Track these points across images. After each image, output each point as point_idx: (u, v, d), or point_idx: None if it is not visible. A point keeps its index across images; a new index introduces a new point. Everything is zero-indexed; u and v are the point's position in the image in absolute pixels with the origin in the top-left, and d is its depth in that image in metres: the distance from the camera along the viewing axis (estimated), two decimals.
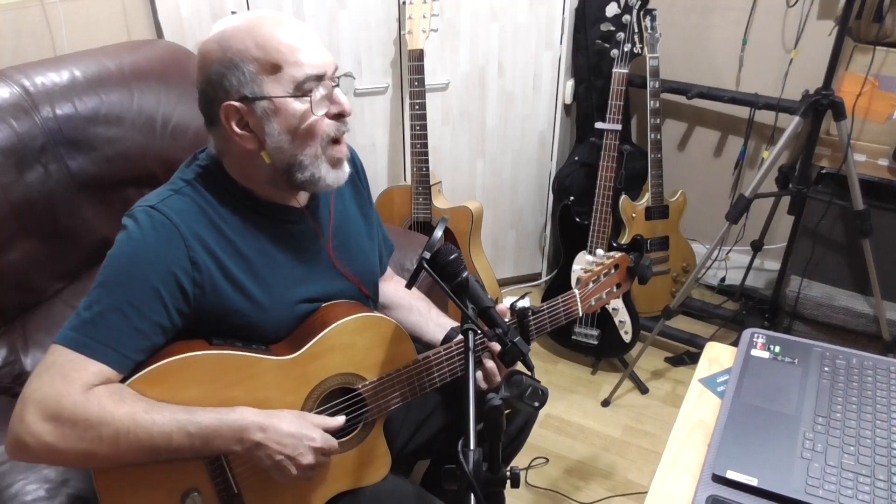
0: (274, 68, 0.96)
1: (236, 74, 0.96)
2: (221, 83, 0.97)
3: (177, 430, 0.93)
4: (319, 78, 0.98)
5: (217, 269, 1.00)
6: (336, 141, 1.03)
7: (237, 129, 0.99)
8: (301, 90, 0.97)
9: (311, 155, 1.01)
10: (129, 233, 0.97)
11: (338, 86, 1.02)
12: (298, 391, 1.05)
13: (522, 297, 1.10)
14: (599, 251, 1.30)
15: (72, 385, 0.89)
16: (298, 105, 0.98)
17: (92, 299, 0.94)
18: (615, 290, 1.31)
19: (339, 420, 1.06)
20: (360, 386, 1.10)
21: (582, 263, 1.29)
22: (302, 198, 1.11)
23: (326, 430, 1.04)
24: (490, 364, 1.15)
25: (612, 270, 1.29)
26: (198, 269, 0.98)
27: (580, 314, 1.26)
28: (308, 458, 1.00)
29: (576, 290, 1.25)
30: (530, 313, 1.15)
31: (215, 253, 1.00)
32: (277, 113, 0.98)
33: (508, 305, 1.13)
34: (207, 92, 0.99)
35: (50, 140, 1.34)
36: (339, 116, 1.03)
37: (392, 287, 1.36)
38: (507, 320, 1.10)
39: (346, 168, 1.07)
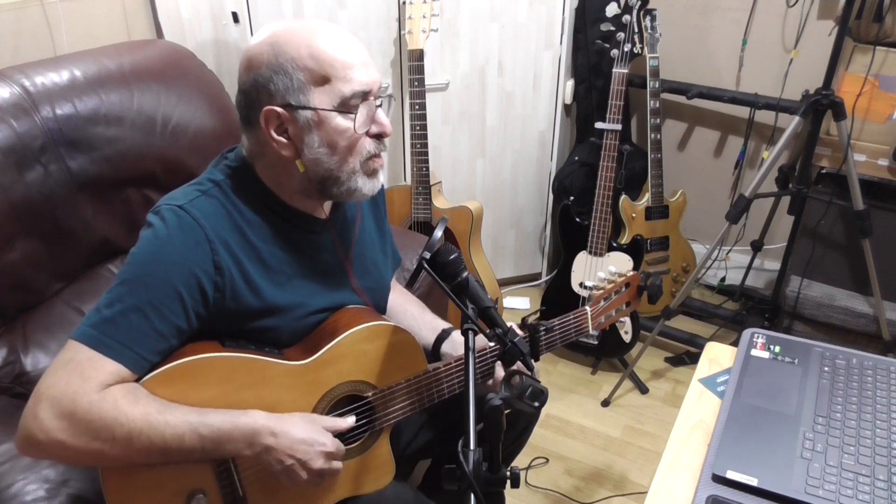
0: (323, 80, 0.96)
1: (284, 80, 0.95)
2: (267, 86, 0.96)
3: (189, 432, 0.93)
4: (365, 96, 0.98)
5: (238, 273, 1.00)
6: (375, 155, 1.04)
7: (275, 135, 0.98)
8: (346, 106, 0.97)
9: (348, 171, 1.02)
10: (156, 231, 0.96)
11: (381, 105, 1.02)
12: (309, 396, 1.05)
13: (535, 312, 1.11)
14: (612, 267, 1.30)
15: (88, 383, 0.89)
16: (342, 120, 0.98)
17: (113, 297, 0.94)
18: (625, 308, 1.30)
19: (349, 421, 1.06)
20: (369, 394, 1.10)
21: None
22: (326, 208, 1.11)
23: (336, 432, 1.04)
24: (500, 374, 1.15)
25: (623, 289, 1.29)
26: (220, 274, 0.98)
27: (591, 331, 1.26)
28: (318, 463, 0.99)
29: (587, 308, 1.25)
30: (542, 330, 1.15)
31: (238, 257, 1.00)
32: (320, 125, 0.97)
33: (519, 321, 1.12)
34: (251, 93, 0.98)
35: (50, 140, 1.34)
36: (379, 136, 1.03)
37: (391, 295, 1.36)
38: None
39: (381, 178, 1.08)
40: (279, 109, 0.96)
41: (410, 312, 1.33)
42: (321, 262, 1.12)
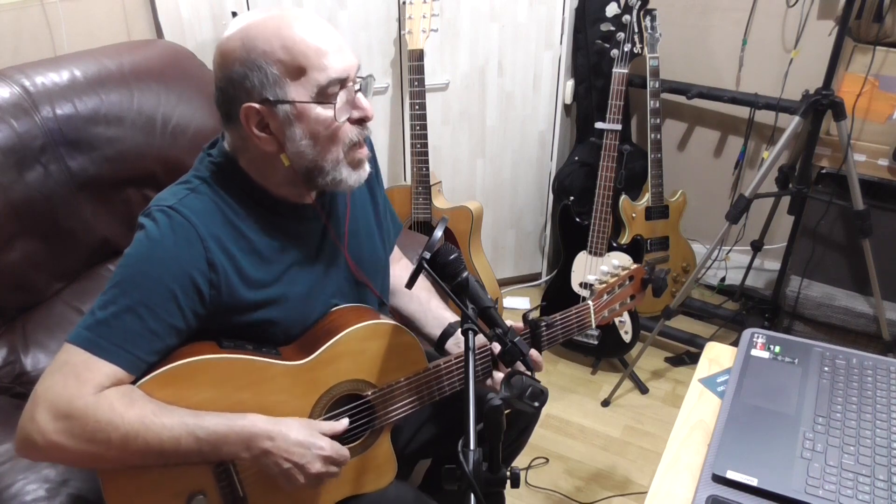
0: (299, 72, 0.94)
1: (259, 76, 0.94)
2: (243, 83, 0.95)
3: (185, 435, 0.93)
4: (343, 82, 0.97)
5: (233, 269, 1.00)
6: (357, 144, 1.02)
7: (257, 131, 0.97)
8: (325, 95, 0.96)
9: (332, 160, 1.00)
10: (148, 233, 0.96)
11: (360, 89, 1.00)
12: (307, 397, 1.05)
13: (535, 307, 1.10)
14: (615, 261, 1.28)
15: (84, 386, 0.89)
16: (321, 111, 0.96)
17: (107, 299, 0.93)
18: (629, 301, 1.29)
19: (343, 423, 1.05)
20: (368, 393, 1.09)
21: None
22: (314, 192, 1.10)
23: (334, 435, 1.03)
24: (498, 376, 1.15)
25: (627, 282, 1.28)
26: (214, 271, 0.98)
27: (594, 326, 1.25)
28: (316, 467, 0.99)
29: (590, 302, 1.23)
30: (543, 325, 1.14)
31: (231, 252, 1.00)
32: (300, 118, 0.96)
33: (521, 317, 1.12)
34: (227, 90, 0.97)
35: (50, 140, 1.34)
36: (362, 121, 1.01)
37: (397, 271, 1.35)
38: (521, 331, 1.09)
39: (367, 168, 1.06)
40: (258, 106, 0.95)
41: (417, 297, 1.31)
42: (315, 247, 1.11)
